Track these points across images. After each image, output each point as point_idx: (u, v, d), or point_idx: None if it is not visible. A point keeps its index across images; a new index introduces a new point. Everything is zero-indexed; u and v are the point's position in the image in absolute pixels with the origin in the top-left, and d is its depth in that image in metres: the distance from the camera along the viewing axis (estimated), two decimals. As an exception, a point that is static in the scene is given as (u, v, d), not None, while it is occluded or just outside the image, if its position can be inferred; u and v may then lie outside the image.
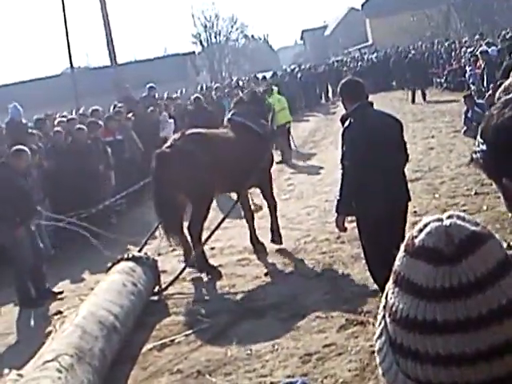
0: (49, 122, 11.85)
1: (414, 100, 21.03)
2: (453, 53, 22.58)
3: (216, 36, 57.48)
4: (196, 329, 5.92)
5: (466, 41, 24.16)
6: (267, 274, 7.12)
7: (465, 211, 6.72)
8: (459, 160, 10.81)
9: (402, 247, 0.91)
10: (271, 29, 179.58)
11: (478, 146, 1.29)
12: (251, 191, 8.24)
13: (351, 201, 5.30)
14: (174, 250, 8.19)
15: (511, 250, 0.91)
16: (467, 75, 17.87)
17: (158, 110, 13.63)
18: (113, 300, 5.79)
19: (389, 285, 0.92)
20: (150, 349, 5.63)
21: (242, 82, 24.67)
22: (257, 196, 8.39)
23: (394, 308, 0.89)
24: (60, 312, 7.05)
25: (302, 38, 69.17)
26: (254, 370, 4.93)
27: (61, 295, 7.67)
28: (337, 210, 5.42)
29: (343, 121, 5.41)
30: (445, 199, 8.75)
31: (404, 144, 5.45)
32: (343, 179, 5.27)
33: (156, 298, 6.86)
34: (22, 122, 11.17)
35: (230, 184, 7.64)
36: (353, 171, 5.17)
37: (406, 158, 5.50)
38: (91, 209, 8.82)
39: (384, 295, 0.93)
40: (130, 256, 6.91)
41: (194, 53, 48.50)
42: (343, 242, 7.48)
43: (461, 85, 19.52)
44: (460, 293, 0.84)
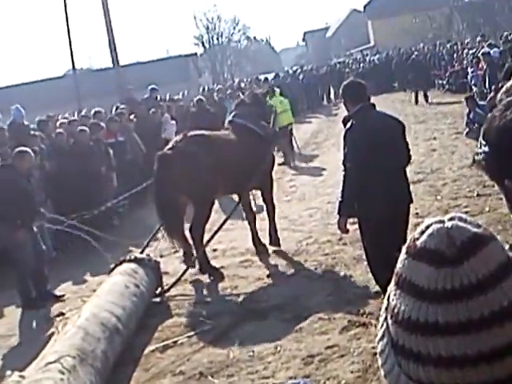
0: (51, 124, 11.84)
1: (418, 101, 21.02)
2: (455, 54, 22.55)
3: (218, 37, 57.65)
4: (198, 330, 5.91)
5: (468, 42, 24.18)
6: (269, 276, 7.12)
7: (467, 213, 6.72)
8: (461, 162, 10.81)
9: (404, 249, 0.91)
10: (273, 30, 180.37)
11: (480, 148, 1.29)
12: (253, 193, 8.24)
13: (353, 202, 5.30)
14: (176, 252, 8.19)
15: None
16: (469, 77, 17.83)
17: (160, 112, 13.61)
18: (115, 302, 5.79)
19: (391, 286, 0.92)
20: (152, 350, 5.63)
21: (244, 84, 24.65)
22: (257, 197, 8.40)
23: (396, 310, 0.89)
24: (62, 314, 7.05)
25: (304, 40, 69.22)
26: (257, 372, 4.93)
27: (63, 298, 7.67)
28: (339, 212, 5.42)
29: (345, 122, 5.41)
30: (447, 201, 8.74)
31: (406, 144, 5.45)
32: (345, 181, 5.27)
33: (158, 300, 6.86)
34: (24, 124, 11.15)
35: (232, 186, 7.63)
36: (355, 173, 5.17)
37: (409, 159, 5.51)
38: (93, 210, 8.80)
39: (386, 297, 0.93)
40: (132, 258, 6.91)
41: (196, 54, 48.58)
42: (345, 244, 7.48)
43: (463, 86, 19.50)
44: (462, 294, 0.84)
